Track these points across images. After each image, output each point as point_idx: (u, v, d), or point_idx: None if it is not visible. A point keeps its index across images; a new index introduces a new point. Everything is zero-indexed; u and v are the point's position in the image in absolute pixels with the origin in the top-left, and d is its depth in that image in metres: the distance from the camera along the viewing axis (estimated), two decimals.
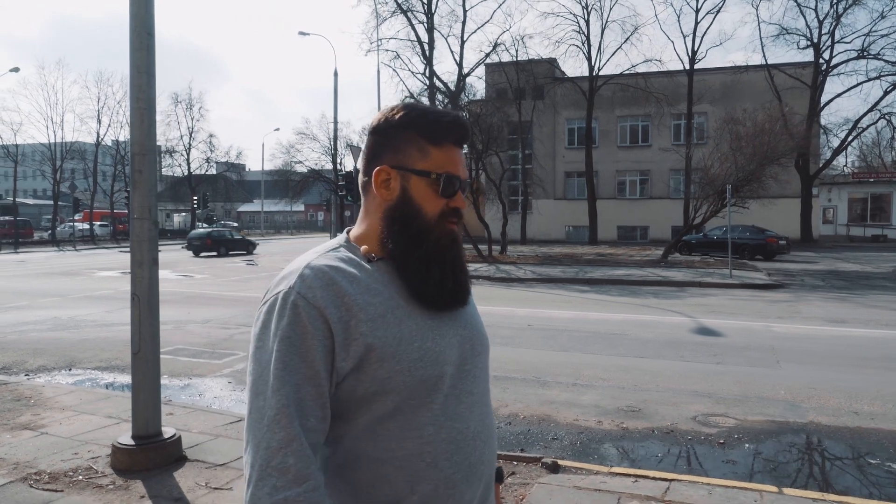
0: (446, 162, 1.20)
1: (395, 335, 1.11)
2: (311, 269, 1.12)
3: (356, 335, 1.08)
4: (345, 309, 1.09)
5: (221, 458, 4.22)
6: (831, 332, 9.33)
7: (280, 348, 1.06)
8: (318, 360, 1.07)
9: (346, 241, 1.23)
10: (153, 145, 4.12)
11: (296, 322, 1.07)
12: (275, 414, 1.03)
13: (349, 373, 1.10)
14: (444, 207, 1.20)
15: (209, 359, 7.82)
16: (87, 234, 43.76)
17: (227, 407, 5.89)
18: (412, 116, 1.20)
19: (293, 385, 1.05)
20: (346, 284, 1.11)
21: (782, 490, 3.74)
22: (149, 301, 4.10)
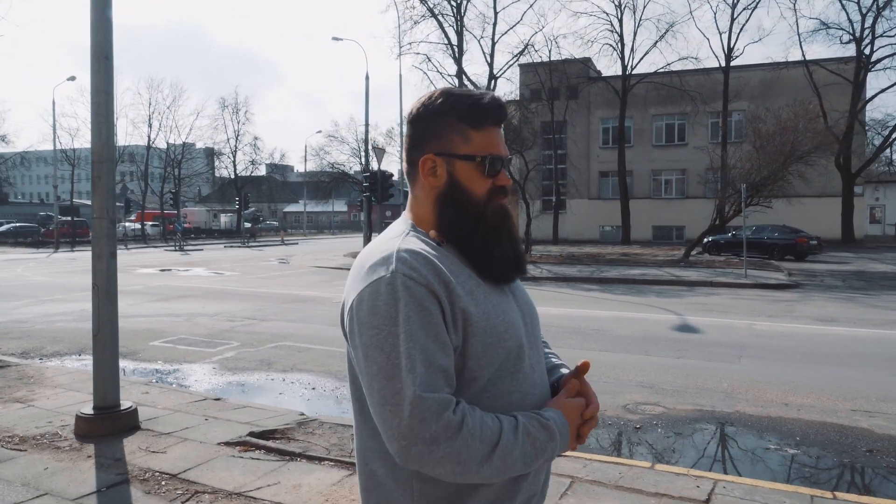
0: (489, 143, 1.24)
1: (485, 309, 1.16)
2: (406, 251, 1.15)
3: (457, 309, 1.12)
4: (445, 285, 1.13)
5: (169, 428, 4.80)
6: (812, 331, 9.39)
7: (404, 329, 1.08)
8: (443, 332, 1.11)
9: (413, 226, 1.26)
10: (111, 154, 4.72)
11: (411, 301, 1.09)
12: (414, 392, 1.05)
13: (457, 347, 1.13)
14: (491, 186, 1.24)
15: (205, 347, 8.48)
16: (138, 233, 45.93)
17: (204, 389, 6.48)
18: (450, 102, 1.24)
19: (423, 362, 1.07)
20: (441, 263, 1.15)
21: (654, 466, 4.07)
22: (107, 289, 4.71)
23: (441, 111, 1.23)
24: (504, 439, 1.09)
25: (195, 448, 4.35)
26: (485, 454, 1.07)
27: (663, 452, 4.70)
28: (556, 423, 1.16)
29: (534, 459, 1.13)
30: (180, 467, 4.00)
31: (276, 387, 6.62)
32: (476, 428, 1.07)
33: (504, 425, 1.11)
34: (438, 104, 1.24)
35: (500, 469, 1.10)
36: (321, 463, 4.07)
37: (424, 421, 1.04)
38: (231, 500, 3.55)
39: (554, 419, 1.17)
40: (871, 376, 6.72)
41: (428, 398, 1.05)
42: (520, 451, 1.10)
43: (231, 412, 5.28)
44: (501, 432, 1.10)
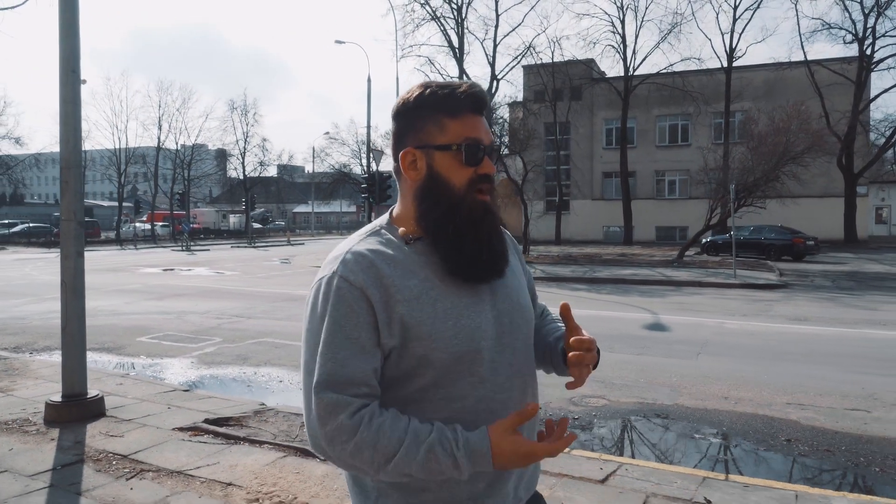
0: (465, 130, 1.22)
1: (430, 315, 1.16)
2: (353, 253, 1.18)
3: (395, 315, 1.14)
4: (384, 290, 1.15)
5: (132, 415, 5.15)
6: (780, 329, 9.61)
7: (329, 328, 1.13)
8: (365, 337, 1.14)
9: (388, 223, 1.28)
10: (78, 160, 5.09)
11: (340, 302, 1.13)
12: (315, 385, 1.12)
13: (393, 349, 1.16)
14: (472, 176, 1.22)
15: (188, 343, 8.85)
16: (148, 233, 46.69)
17: (177, 381, 6.84)
18: (426, 94, 1.23)
19: (340, 362, 1.12)
20: (385, 267, 1.17)
21: (570, 451, 4.36)
22: (73, 286, 5.07)
23: (418, 104, 1.24)
24: (402, 453, 1.10)
25: (150, 433, 4.70)
26: (380, 463, 1.10)
27: (588, 441, 4.99)
28: (470, 452, 1.11)
29: (437, 475, 1.12)
30: (132, 449, 4.35)
31: (247, 379, 6.97)
32: (370, 438, 1.10)
33: (407, 440, 1.11)
34: (415, 97, 1.24)
35: (397, 475, 1.12)
36: (261, 446, 4.40)
37: (321, 419, 1.11)
38: (171, 477, 3.89)
39: (472, 448, 1.12)
40: (818, 372, 6.95)
41: (323, 398, 1.10)
42: (419, 466, 1.11)
43: (195, 402, 5.62)
44: (402, 446, 1.10)
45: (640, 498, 3.52)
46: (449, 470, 1.12)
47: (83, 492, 3.68)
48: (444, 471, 1.12)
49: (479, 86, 1.25)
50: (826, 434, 5.04)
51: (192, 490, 3.70)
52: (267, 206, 65.13)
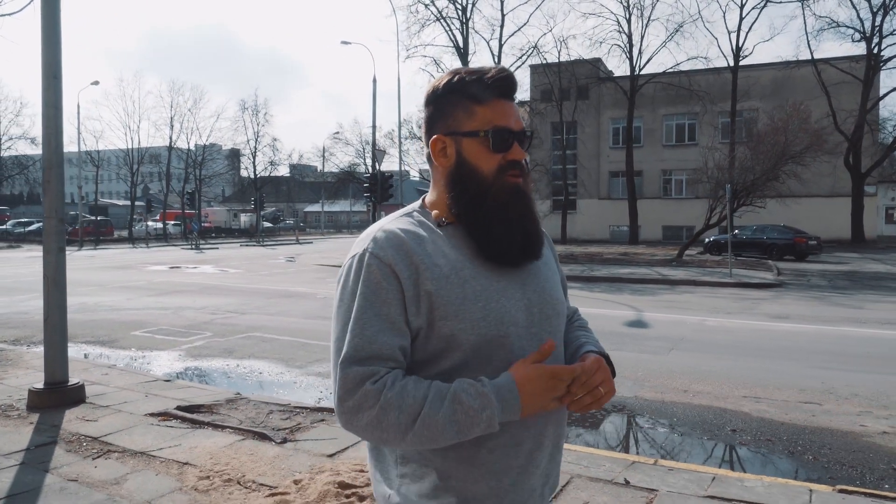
0: (494, 117, 1.22)
1: (459, 295, 1.16)
2: (384, 231, 1.20)
3: (423, 293, 1.15)
4: (413, 268, 1.16)
5: (110, 402, 5.44)
6: (758, 327, 9.75)
7: (359, 304, 1.14)
8: (395, 312, 1.14)
9: (421, 206, 1.30)
10: (60, 161, 5.38)
11: (370, 279, 1.15)
12: (342, 359, 1.13)
13: (420, 330, 1.16)
14: (500, 162, 1.22)
15: (179, 337, 9.15)
16: (160, 232, 47.36)
17: (162, 372, 7.13)
18: (455, 80, 1.24)
19: (369, 337, 1.13)
20: (415, 245, 1.18)
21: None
22: (55, 280, 5.37)
23: (447, 91, 1.25)
24: (427, 408, 1.09)
25: (123, 418, 4.99)
26: (406, 423, 1.09)
27: None
28: (497, 389, 1.11)
29: (468, 427, 1.10)
30: (104, 432, 4.63)
31: (228, 371, 7.25)
32: (395, 398, 1.09)
33: (431, 394, 1.10)
34: (444, 84, 1.25)
35: (426, 437, 1.10)
36: (223, 430, 4.67)
37: (348, 391, 1.11)
38: (134, 457, 4.16)
39: (497, 385, 1.11)
40: (783, 367, 7.10)
41: (350, 370, 1.11)
42: (445, 420, 1.09)
43: (173, 391, 5.90)
44: (426, 401, 1.09)
45: (565, 478, 3.73)
46: (476, 416, 1.09)
47: (51, 469, 3.96)
48: (473, 419, 1.09)
49: (509, 70, 1.25)
50: (772, 425, 5.22)
51: (151, 469, 3.97)
52: (278, 206, 65.68)
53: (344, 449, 4.27)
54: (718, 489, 3.56)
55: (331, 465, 3.89)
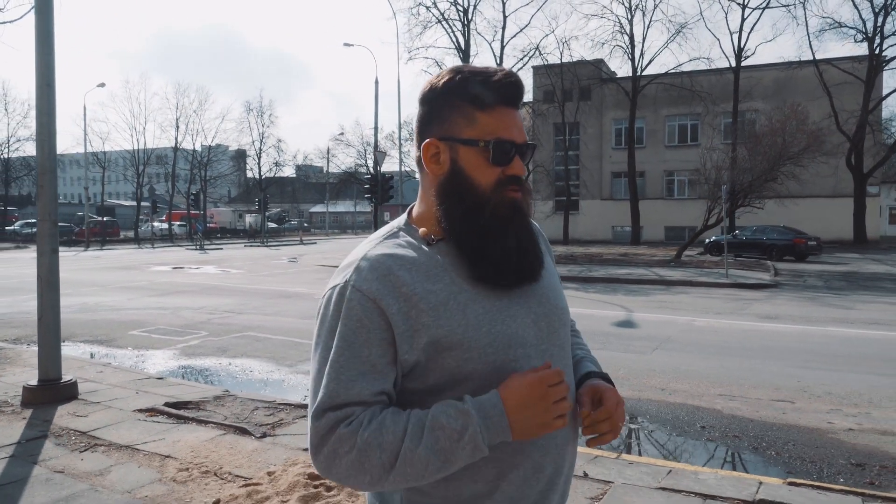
0: (496, 127, 1.11)
1: (461, 322, 1.06)
2: (368, 259, 1.09)
3: (419, 326, 1.05)
4: (403, 300, 1.05)
5: (101, 399, 5.64)
6: (745, 327, 9.87)
7: (337, 345, 1.05)
8: (376, 354, 1.04)
9: (406, 223, 1.18)
10: (53, 166, 5.59)
11: (350, 316, 1.05)
12: (317, 405, 1.04)
13: (416, 364, 1.06)
14: (499, 176, 1.11)
15: (175, 336, 9.36)
16: (166, 233, 47.75)
17: (155, 371, 7.32)
18: (456, 80, 1.12)
19: (341, 382, 1.03)
20: (404, 273, 1.07)
21: None
22: (48, 280, 5.58)
23: (446, 91, 1.13)
24: (408, 442, 1.00)
25: (112, 413, 5.18)
26: (389, 462, 1.00)
27: None
28: (479, 405, 1.02)
29: (452, 454, 1.00)
30: (92, 427, 4.83)
31: (220, 369, 7.45)
32: (372, 437, 1.00)
33: (410, 425, 1.01)
34: (444, 83, 1.13)
35: (411, 474, 1.01)
36: (206, 426, 4.85)
37: (322, 438, 1.03)
38: (119, 450, 4.36)
39: (480, 401, 1.02)
40: (761, 366, 7.24)
41: (323, 418, 1.03)
42: (428, 452, 1.00)
43: (164, 388, 6.10)
44: (406, 434, 1.01)
45: None
46: (459, 438, 1.00)
47: (39, 461, 4.15)
48: (456, 444, 1.00)
49: (516, 75, 1.14)
50: (742, 422, 5.36)
51: (134, 461, 4.16)
52: (284, 206, 66.07)
53: None
54: (671, 481, 3.71)
55: (304, 458, 4.07)
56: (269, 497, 3.47)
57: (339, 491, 3.53)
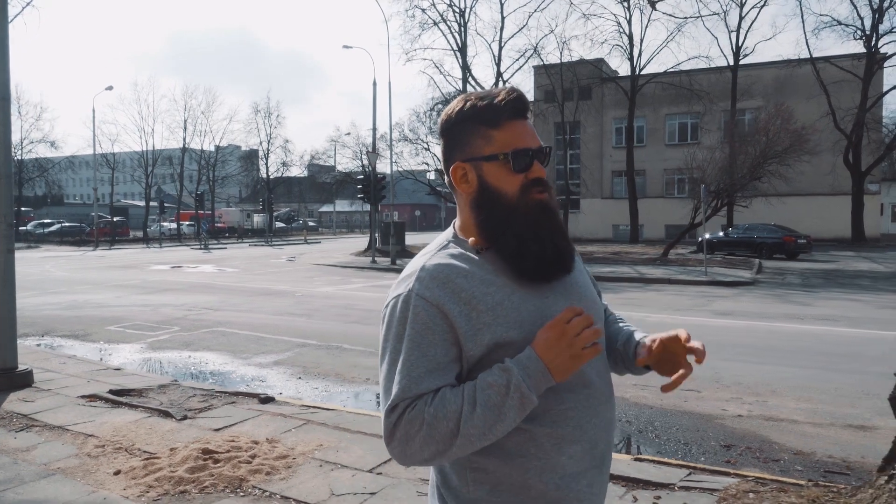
0: (511, 138, 1.24)
1: (516, 320, 1.18)
2: (426, 270, 1.20)
3: (481, 325, 1.16)
4: (464, 303, 1.16)
5: (53, 386, 6.13)
6: (695, 323, 10.19)
7: (407, 347, 1.16)
8: (441, 354, 1.16)
9: (454, 235, 1.29)
10: (9, 172, 6.09)
11: (416, 321, 1.16)
12: (388, 406, 1.15)
13: (480, 359, 1.17)
14: (523, 182, 1.24)
15: (148, 331, 9.87)
16: (174, 232, 48.65)
17: (118, 362, 7.81)
18: (466, 108, 1.26)
19: (411, 379, 1.14)
20: (461, 280, 1.18)
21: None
22: (3, 278, 6.08)
23: (461, 119, 1.27)
24: (466, 406, 1.12)
25: (57, 399, 5.67)
26: (453, 429, 1.12)
27: None
28: (517, 359, 1.15)
29: (502, 405, 1.12)
30: (35, 411, 5.31)
31: (179, 361, 7.92)
32: (436, 410, 1.13)
33: (465, 392, 1.14)
34: (457, 112, 1.28)
35: (474, 434, 1.13)
36: (136, 410, 5.32)
37: (395, 424, 1.15)
38: (51, 430, 4.83)
39: (517, 357, 1.15)
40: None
41: (397, 410, 1.15)
42: (483, 409, 1.12)
43: (118, 377, 6.57)
44: (463, 400, 1.13)
45: None
46: (505, 392, 1.12)
47: None
48: (504, 398, 1.12)
49: (518, 90, 1.28)
50: (641, 408, 5.74)
51: (61, 440, 4.63)
52: (292, 206, 66.85)
53: (230, 425, 4.89)
54: None
55: (209, 437, 4.52)
56: (161, 468, 3.92)
57: (225, 463, 3.97)
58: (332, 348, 8.46)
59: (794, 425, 5.28)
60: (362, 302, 13.06)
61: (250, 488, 3.71)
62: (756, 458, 4.57)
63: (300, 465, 4.04)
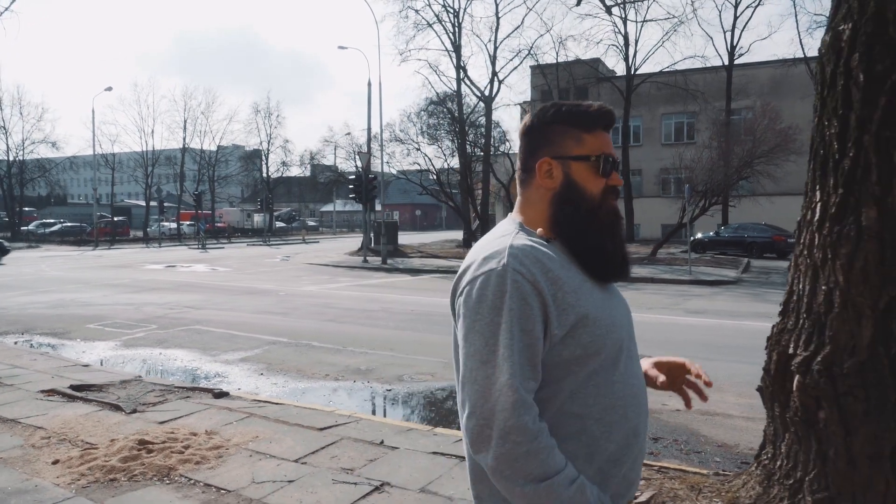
0: (601, 145, 1.32)
1: (594, 303, 1.24)
2: (517, 248, 1.23)
3: (565, 305, 1.20)
4: (551, 282, 1.21)
5: (16, 382, 6.31)
6: (662, 321, 10.32)
7: (507, 320, 1.17)
8: (538, 329, 1.19)
9: (520, 225, 1.32)
10: None
11: (516, 295, 1.18)
12: (506, 380, 1.15)
13: (561, 339, 1.21)
14: (605, 186, 1.32)
15: (125, 329, 10.06)
16: (174, 232, 48.99)
17: (89, 359, 8.00)
18: (563, 111, 1.34)
19: (520, 353, 1.16)
20: (548, 261, 1.23)
21: (334, 410, 5.33)
22: None
23: (553, 120, 1.34)
24: (558, 479, 1.14)
25: (18, 394, 5.86)
26: (536, 476, 1.13)
27: (364, 403, 5.96)
28: None
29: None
30: None
31: (148, 358, 8.12)
32: (544, 449, 1.15)
33: (566, 470, 1.16)
34: (551, 114, 1.35)
35: (536, 497, 1.14)
36: (90, 404, 5.50)
37: (506, 410, 1.14)
38: (4, 423, 5.02)
39: None
40: None
41: (519, 391, 1.15)
42: (567, 499, 1.15)
43: (83, 373, 6.76)
44: (560, 472, 1.15)
45: (336, 438, 4.49)
46: None
47: None
48: None
49: (609, 107, 1.38)
50: None
51: (10, 432, 4.81)
52: (293, 206, 67.17)
53: (176, 418, 5.07)
54: (442, 447, 4.27)
55: (150, 429, 4.70)
56: (97, 458, 4.10)
57: (158, 454, 4.15)
58: (300, 346, 8.64)
59: (728, 419, 5.43)
60: (342, 301, 13.24)
61: (177, 476, 3.89)
62: (679, 450, 4.72)
63: (231, 455, 4.22)
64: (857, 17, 2.60)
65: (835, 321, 2.58)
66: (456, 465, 3.98)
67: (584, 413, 1.23)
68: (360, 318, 10.89)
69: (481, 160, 32.38)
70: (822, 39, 2.82)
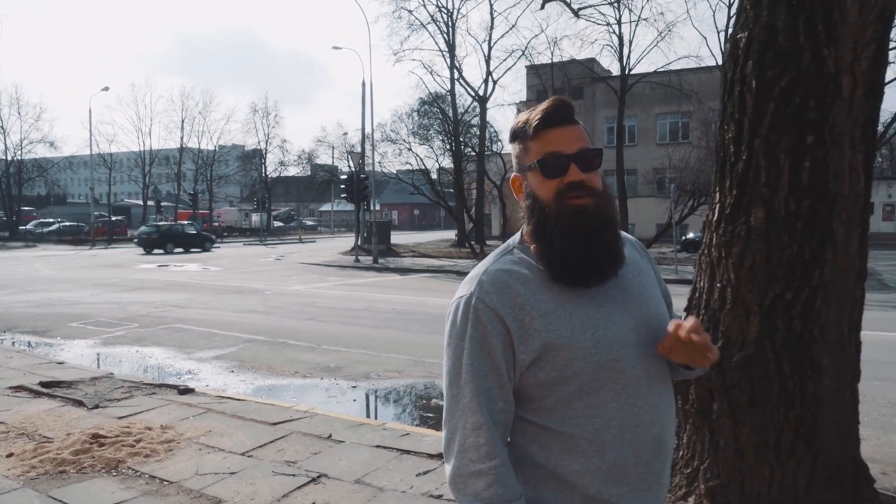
0: (543, 147, 1.28)
1: (567, 327, 1.23)
2: (488, 274, 1.28)
3: (532, 331, 1.23)
4: (518, 309, 1.24)
5: None
6: None
7: (469, 346, 1.24)
8: (499, 355, 1.24)
9: (520, 241, 1.36)
10: None
11: (478, 323, 1.24)
12: (468, 401, 1.23)
13: (531, 363, 1.24)
14: (558, 187, 1.27)
15: (106, 328, 10.18)
16: None
17: (65, 357, 8.12)
18: (516, 125, 1.34)
19: (480, 377, 1.23)
20: (518, 286, 1.25)
21: (294, 406, 5.45)
22: None
23: (512, 136, 1.35)
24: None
25: None
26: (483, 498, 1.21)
27: (330, 399, 6.08)
28: None
29: None
30: None
31: (124, 355, 8.24)
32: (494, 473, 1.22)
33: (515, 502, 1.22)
34: (511, 131, 1.36)
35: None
36: (55, 399, 5.63)
37: (465, 429, 1.23)
38: None
39: None
40: None
41: (481, 411, 1.23)
42: None
43: (56, 370, 6.88)
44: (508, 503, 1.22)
45: (287, 433, 4.61)
46: None
47: None
48: None
49: (560, 98, 1.31)
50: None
51: None
52: (290, 205, 67.38)
53: (135, 413, 5.19)
54: (387, 441, 4.39)
55: (106, 424, 4.82)
56: (50, 451, 4.22)
57: (109, 447, 4.27)
58: (276, 344, 8.76)
59: None
60: (326, 300, 13.35)
61: (125, 469, 4.01)
62: None
63: (181, 449, 4.34)
64: (752, 26, 2.72)
65: (727, 317, 2.69)
66: (395, 458, 4.10)
67: (574, 431, 1.24)
68: (341, 317, 11.01)
69: (473, 160, 32.48)
70: (724, 47, 2.93)
